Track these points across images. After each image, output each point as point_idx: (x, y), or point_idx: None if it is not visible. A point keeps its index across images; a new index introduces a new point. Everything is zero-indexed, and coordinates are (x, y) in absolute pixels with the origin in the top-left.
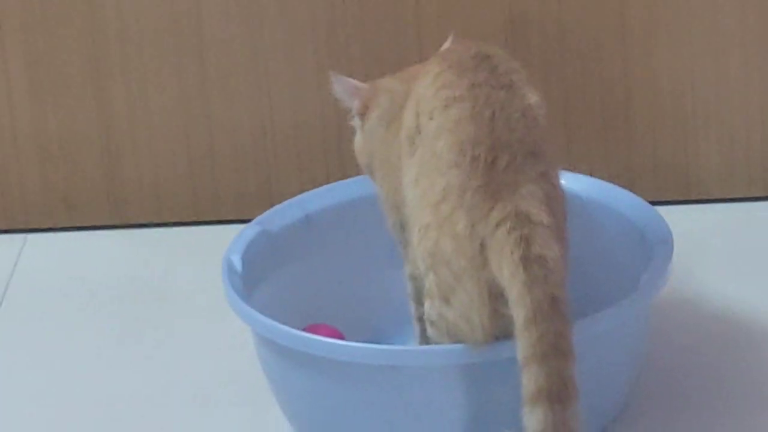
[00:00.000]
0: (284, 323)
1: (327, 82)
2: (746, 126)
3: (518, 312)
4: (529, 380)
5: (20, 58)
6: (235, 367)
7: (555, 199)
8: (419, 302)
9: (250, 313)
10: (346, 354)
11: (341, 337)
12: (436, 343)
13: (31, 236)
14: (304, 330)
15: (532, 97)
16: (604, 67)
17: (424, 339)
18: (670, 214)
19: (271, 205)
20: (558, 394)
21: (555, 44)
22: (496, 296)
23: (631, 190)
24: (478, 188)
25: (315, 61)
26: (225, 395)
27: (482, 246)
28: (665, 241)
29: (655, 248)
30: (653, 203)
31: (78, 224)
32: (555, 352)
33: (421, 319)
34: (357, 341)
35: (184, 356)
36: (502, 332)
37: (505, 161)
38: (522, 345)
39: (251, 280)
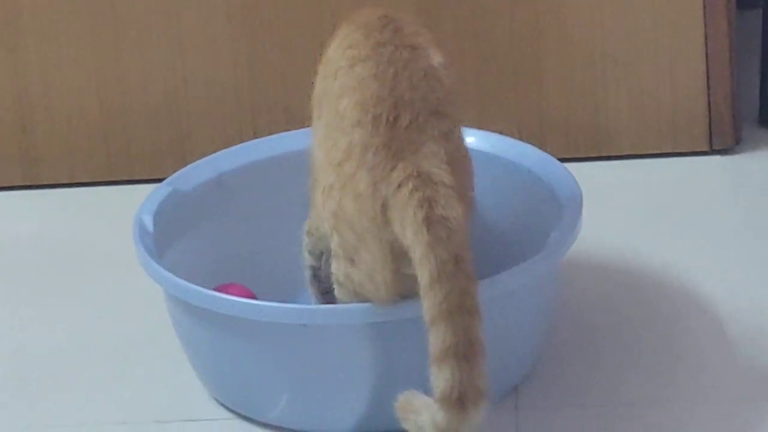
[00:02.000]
0: (195, 283)
1: (239, 41)
2: (656, 83)
3: (422, 272)
4: (436, 339)
5: None
6: (147, 327)
7: (458, 159)
8: (312, 253)
9: (161, 273)
10: (256, 313)
11: (252, 297)
12: (343, 303)
13: None
14: (215, 289)
15: (437, 58)
16: (515, 25)
17: (313, 284)
18: (580, 170)
19: (184, 165)
20: (464, 352)
21: (467, 2)
22: (398, 256)
23: (542, 148)
24: (380, 147)
25: (228, 19)
26: (137, 354)
27: (384, 206)
28: (574, 198)
29: (565, 205)
30: (565, 160)
31: None
32: (460, 310)
33: (311, 267)
34: (267, 301)
35: (96, 316)
36: (406, 291)
37: (407, 120)
38: (428, 305)
39: (163, 239)
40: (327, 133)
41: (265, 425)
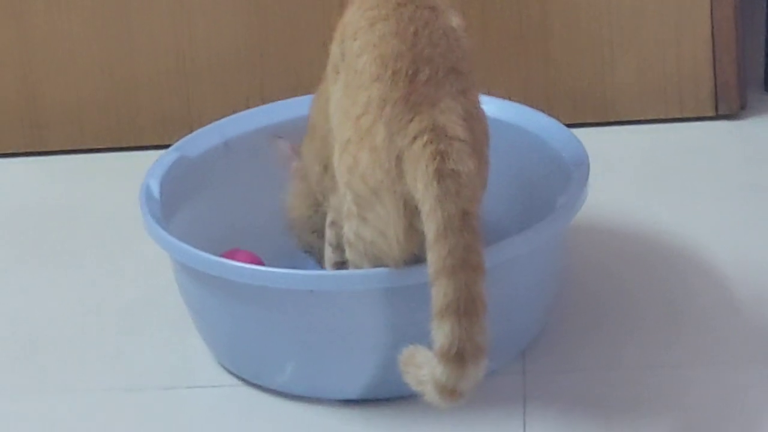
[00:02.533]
0: (202, 249)
1: (246, 6)
2: (662, 48)
3: (430, 225)
4: (438, 294)
5: None
6: (154, 293)
7: (475, 117)
8: (339, 248)
9: (168, 239)
10: (263, 279)
11: (259, 263)
12: (355, 266)
13: None
14: (222, 256)
15: (455, 20)
16: None
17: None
18: (586, 136)
19: (191, 131)
20: (466, 307)
21: None
22: (411, 210)
23: (548, 113)
24: (398, 100)
25: None
26: (143, 320)
27: (399, 158)
28: (581, 163)
29: (572, 170)
30: (571, 125)
31: None
32: (464, 265)
33: (337, 265)
34: (275, 267)
35: (102, 282)
36: (418, 248)
37: (426, 75)
38: (432, 258)
39: (169, 205)
40: (345, 92)
41: (272, 391)
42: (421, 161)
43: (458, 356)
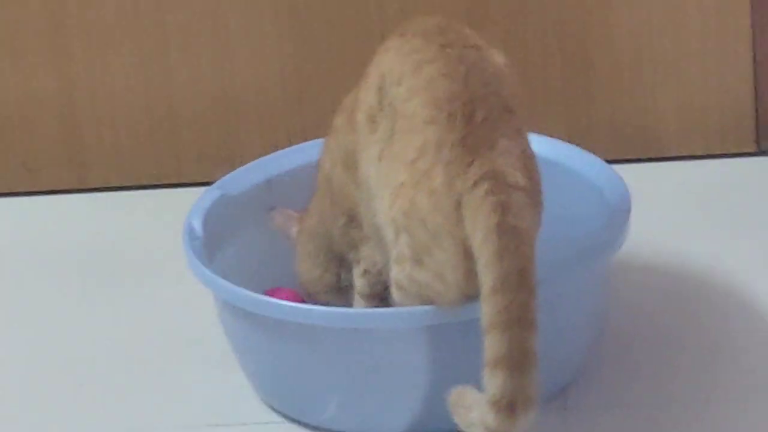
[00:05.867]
0: (245, 287)
1: (288, 44)
2: (703, 84)
3: (486, 279)
4: (491, 346)
5: None
6: (197, 331)
7: (529, 156)
8: (372, 297)
9: (212, 277)
10: (307, 317)
11: (302, 300)
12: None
13: None
14: (265, 293)
15: (500, 58)
16: (563, 26)
17: None
18: (628, 172)
19: (233, 168)
20: (518, 362)
21: (514, 3)
22: (471, 254)
23: (589, 150)
24: (455, 143)
25: (275, 23)
26: (188, 359)
27: (458, 203)
28: (623, 200)
29: (613, 207)
30: (612, 162)
31: (38, 188)
32: (519, 322)
33: None
34: (316, 305)
35: (146, 320)
36: (475, 291)
37: (482, 115)
38: (486, 312)
39: (212, 244)
40: (394, 138)
41: (316, 428)
42: (482, 212)
43: (509, 407)
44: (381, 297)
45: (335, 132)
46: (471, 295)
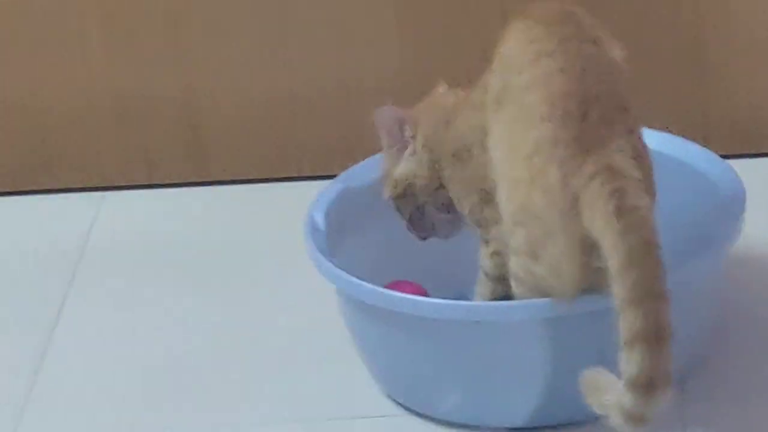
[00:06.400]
0: (367, 280)
1: (408, 33)
2: None
3: (613, 259)
4: (626, 323)
5: (96, 14)
6: (318, 324)
7: (642, 154)
8: (500, 279)
9: (335, 271)
10: (429, 311)
11: (424, 294)
12: (522, 299)
13: (109, 194)
14: (387, 287)
15: (617, 51)
16: (676, 17)
17: None
18: (743, 166)
19: (355, 161)
20: (655, 336)
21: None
22: (586, 249)
23: (704, 144)
24: (570, 141)
25: (395, 11)
26: (308, 351)
27: (575, 199)
28: (737, 195)
29: (728, 202)
30: (727, 156)
31: (158, 181)
32: (651, 295)
33: (495, 297)
34: (440, 298)
35: (266, 313)
36: (590, 285)
37: (597, 114)
38: (618, 290)
39: (334, 237)
40: (513, 127)
41: (437, 420)
42: (600, 200)
43: (648, 384)
44: (506, 280)
45: (473, 103)
46: (587, 289)
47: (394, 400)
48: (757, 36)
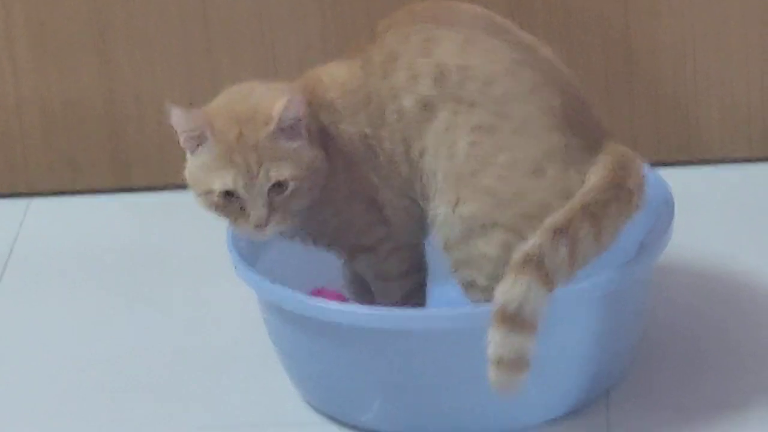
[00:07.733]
0: (289, 287)
1: (333, 48)
2: (746, 86)
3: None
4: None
5: (23, 22)
6: (240, 331)
7: None
8: (407, 274)
9: (256, 279)
10: (352, 318)
11: (345, 301)
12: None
13: (35, 200)
14: (309, 294)
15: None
16: (606, 30)
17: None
18: (671, 175)
19: None
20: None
21: (558, 8)
22: None
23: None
24: (580, 145)
25: (321, 26)
26: (230, 359)
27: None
28: (666, 202)
29: (657, 209)
30: (655, 164)
31: (82, 188)
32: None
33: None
34: (359, 305)
35: (189, 321)
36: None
37: (586, 114)
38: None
39: (256, 245)
40: (491, 139)
41: (357, 429)
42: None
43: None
44: (411, 271)
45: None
46: None
47: (316, 408)
48: (683, 48)
